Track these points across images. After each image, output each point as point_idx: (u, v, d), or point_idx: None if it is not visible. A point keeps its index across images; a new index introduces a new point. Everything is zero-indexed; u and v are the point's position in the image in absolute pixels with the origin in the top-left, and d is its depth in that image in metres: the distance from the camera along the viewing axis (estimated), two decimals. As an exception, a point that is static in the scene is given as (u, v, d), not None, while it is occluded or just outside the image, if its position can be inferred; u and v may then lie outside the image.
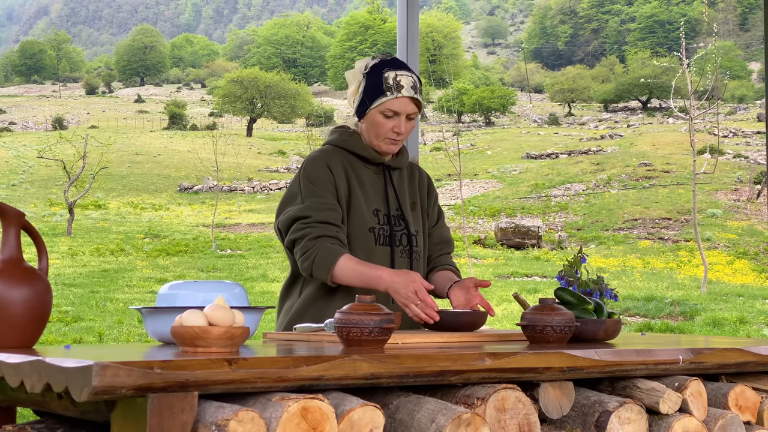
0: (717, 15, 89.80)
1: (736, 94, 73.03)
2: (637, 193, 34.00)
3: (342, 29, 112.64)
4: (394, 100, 2.83)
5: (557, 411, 1.99)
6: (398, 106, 2.84)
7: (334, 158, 2.91)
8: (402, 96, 2.83)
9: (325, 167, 2.87)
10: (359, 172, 2.93)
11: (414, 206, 3.02)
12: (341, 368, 1.71)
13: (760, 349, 2.35)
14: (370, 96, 2.85)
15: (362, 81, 2.89)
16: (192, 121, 73.99)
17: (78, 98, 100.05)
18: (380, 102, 2.84)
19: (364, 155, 2.93)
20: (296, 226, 2.78)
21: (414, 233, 2.96)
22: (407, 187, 3.03)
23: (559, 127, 66.38)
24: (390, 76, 2.84)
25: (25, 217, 2.11)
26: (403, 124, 2.86)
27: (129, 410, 1.58)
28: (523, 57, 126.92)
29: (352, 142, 2.95)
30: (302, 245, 2.76)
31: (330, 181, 2.85)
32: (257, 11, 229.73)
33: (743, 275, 21.93)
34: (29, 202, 36.17)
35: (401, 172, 3.04)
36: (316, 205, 2.79)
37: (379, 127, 2.87)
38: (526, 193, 36.28)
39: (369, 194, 2.92)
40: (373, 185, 2.95)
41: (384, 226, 2.91)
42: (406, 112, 2.85)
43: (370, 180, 2.95)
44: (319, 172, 2.86)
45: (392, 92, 2.83)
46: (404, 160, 3.04)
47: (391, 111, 2.84)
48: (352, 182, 2.90)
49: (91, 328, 13.89)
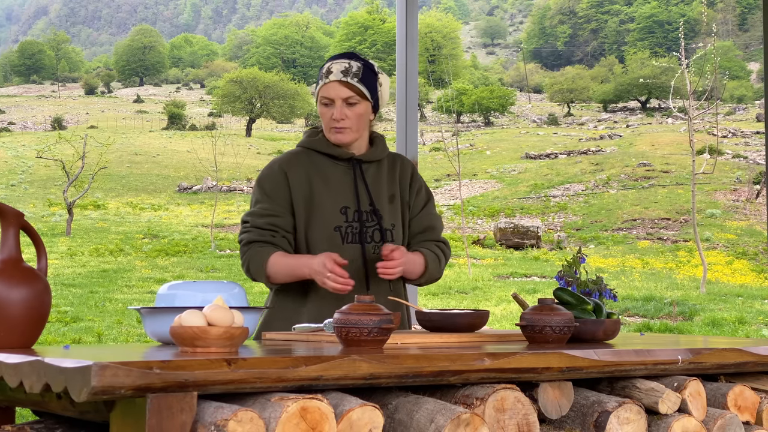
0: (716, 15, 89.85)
1: (735, 94, 73.04)
2: (636, 194, 34.01)
3: (341, 29, 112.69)
4: (324, 87, 2.89)
5: (556, 411, 1.99)
6: (328, 92, 2.87)
7: (297, 161, 2.94)
8: (330, 81, 2.87)
9: (279, 173, 2.91)
10: (327, 171, 2.94)
11: (392, 199, 2.99)
12: (340, 368, 1.71)
13: (759, 349, 2.35)
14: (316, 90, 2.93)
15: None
16: (191, 121, 73.98)
17: (77, 98, 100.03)
18: (317, 91, 2.91)
19: (329, 153, 2.94)
20: (241, 229, 2.91)
21: (389, 227, 2.94)
22: (385, 180, 3.00)
23: (558, 127, 66.39)
24: (325, 66, 2.92)
25: (24, 218, 2.11)
26: (340, 110, 2.87)
27: (128, 410, 1.58)
28: (522, 57, 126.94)
29: (316, 142, 2.97)
30: (240, 250, 2.88)
31: (281, 187, 2.89)
32: (256, 11, 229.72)
33: (742, 275, 21.94)
34: (28, 203, 36.16)
35: (379, 164, 3.01)
36: (259, 211, 2.87)
37: (322, 117, 2.92)
38: (525, 193, 36.28)
39: (337, 192, 2.92)
40: (343, 182, 2.94)
41: (353, 223, 2.90)
42: (339, 97, 2.86)
43: (339, 177, 2.94)
44: (271, 178, 2.92)
45: (323, 79, 2.90)
46: (378, 153, 3.01)
47: (326, 98, 2.88)
48: (315, 183, 2.91)
49: (90, 328, 13.89)
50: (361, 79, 2.89)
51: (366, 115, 2.94)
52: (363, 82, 2.89)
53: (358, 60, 2.92)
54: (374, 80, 2.94)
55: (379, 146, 3.02)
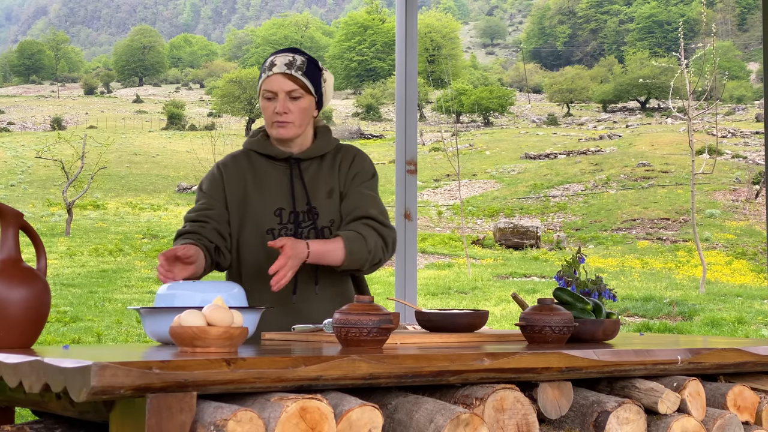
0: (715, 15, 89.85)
1: (734, 94, 73.04)
2: (636, 194, 34.02)
3: (341, 29, 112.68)
4: (267, 80, 2.82)
5: (556, 411, 1.99)
6: (271, 85, 2.81)
7: (234, 163, 2.93)
8: (273, 74, 2.80)
9: (217, 175, 2.92)
10: (264, 173, 2.89)
11: (331, 194, 2.89)
12: (340, 368, 1.71)
13: (758, 349, 2.35)
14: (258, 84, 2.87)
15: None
16: (190, 122, 73.99)
17: (76, 98, 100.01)
18: (259, 85, 2.85)
19: (266, 153, 2.90)
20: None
21: (327, 225, 2.85)
22: (325, 176, 2.90)
23: (558, 127, 66.39)
24: (269, 60, 2.86)
25: (23, 218, 2.11)
26: (283, 103, 2.80)
27: (127, 410, 1.58)
28: (522, 57, 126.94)
29: (254, 142, 2.94)
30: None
31: (218, 188, 2.89)
32: (256, 11, 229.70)
33: (742, 275, 21.95)
34: (28, 203, 36.15)
35: (321, 160, 2.92)
36: (195, 207, 2.89)
37: (264, 112, 2.85)
38: (524, 193, 36.29)
39: (272, 194, 2.87)
40: (279, 183, 2.88)
41: (288, 224, 2.84)
42: (282, 90, 2.80)
43: (276, 178, 2.89)
44: (209, 179, 2.93)
45: (266, 72, 2.83)
46: (320, 148, 2.92)
47: (269, 92, 2.81)
48: (249, 186, 2.88)
49: (89, 328, 13.89)
50: (306, 72, 2.83)
51: (310, 110, 2.86)
52: (307, 76, 2.83)
53: (302, 54, 2.87)
54: (318, 75, 2.88)
55: (322, 141, 2.93)
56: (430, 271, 22.12)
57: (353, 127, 67.82)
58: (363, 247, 2.75)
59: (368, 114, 76.82)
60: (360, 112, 78.05)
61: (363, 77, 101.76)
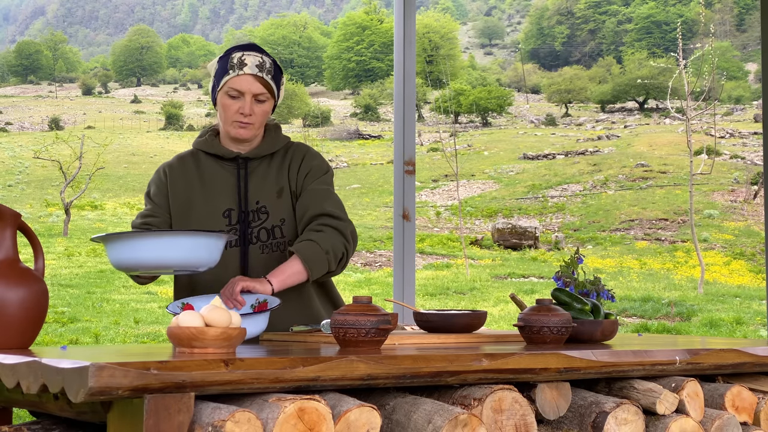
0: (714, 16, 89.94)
1: (732, 94, 73.11)
2: (634, 194, 34.04)
3: (339, 30, 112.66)
4: (236, 78, 2.74)
5: (554, 412, 1.99)
6: (240, 84, 2.74)
7: (180, 165, 2.89)
8: (244, 73, 2.73)
9: (162, 177, 2.89)
10: (212, 173, 2.84)
11: (281, 192, 2.83)
12: (338, 369, 1.71)
13: (756, 349, 2.35)
14: (218, 78, 2.78)
15: (215, 67, 2.81)
16: (188, 122, 74.00)
17: (74, 98, 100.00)
18: (224, 81, 2.75)
19: (214, 153, 2.85)
20: None
21: (278, 224, 2.81)
22: (275, 175, 2.84)
23: (556, 127, 66.42)
24: (236, 56, 2.77)
25: (21, 218, 2.11)
26: (250, 105, 2.74)
27: (125, 411, 1.58)
28: (520, 57, 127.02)
29: (202, 142, 2.88)
30: None
31: (162, 192, 2.87)
32: (254, 12, 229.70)
33: (740, 276, 21.96)
34: (25, 203, 36.14)
35: (270, 159, 2.86)
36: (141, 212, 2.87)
37: (226, 110, 2.76)
38: (523, 193, 36.30)
39: (220, 195, 2.81)
40: (227, 183, 2.82)
41: (236, 225, 2.79)
42: (251, 92, 2.74)
43: (224, 179, 2.83)
44: (155, 181, 2.91)
45: (234, 70, 2.74)
46: (268, 146, 2.86)
47: (235, 90, 2.74)
48: (194, 188, 2.83)
49: (87, 328, 13.89)
50: (273, 76, 2.80)
51: (269, 112, 2.83)
52: (274, 80, 2.80)
53: (267, 55, 2.82)
54: (280, 78, 2.85)
55: (271, 139, 2.88)
56: (429, 271, 22.13)
57: (351, 127, 67.81)
58: (319, 252, 2.68)
59: (366, 114, 76.84)
60: (358, 113, 78.07)
61: (361, 77, 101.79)
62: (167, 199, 2.85)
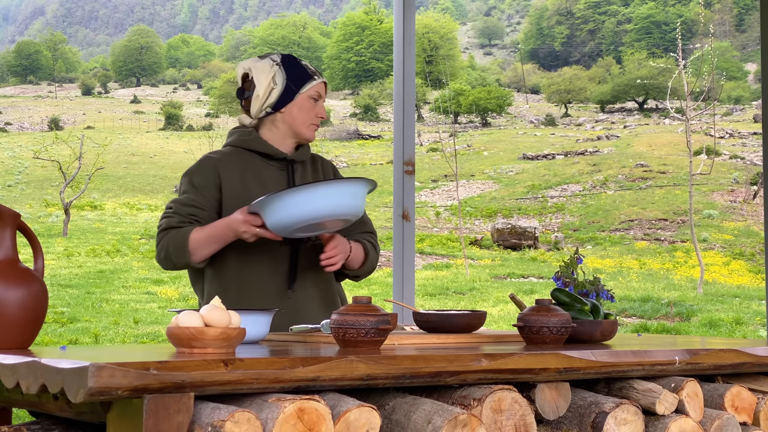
0: (713, 16, 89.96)
1: (732, 95, 73.14)
2: (634, 194, 34.04)
3: (338, 30, 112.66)
4: (318, 84, 2.95)
5: (554, 412, 1.99)
6: (320, 90, 2.96)
7: (230, 160, 2.91)
8: (322, 80, 2.97)
9: (212, 169, 2.88)
10: (260, 171, 2.92)
11: None
12: (337, 369, 1.71)
13: (756, 350, 2.35)
14: (297, 82, 2.92)
15: (279, 72, 2.92)
16: (188, 122, 73.99)
17: (74, 99, 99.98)
18: (310, 86, 2.92)
19: (265, 152, 2.93)
20: (161, 217, 2.85)
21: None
22: (311, 178, 3.01)
23: (556, 128, 66.43)
24: (307, 64, 2.99)
25: (20, 218, 2.11)
26: (323, 109, 2.99)
27: (125, 411, 1.58)
28: (520, 58, 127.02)
29: (251, 141, 2.94)
30: (157, 237, 2.82)
31: (212, 184, 2.86)
32: (253, 12, 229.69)
33: (739, 276, 21.97)
34: (25, 203, 36.13)
35: (304, 165, 3.01)
36: (184, 200, 2.83)
37: (307, 112, 2.92)
38: (522, 194, 36.31)
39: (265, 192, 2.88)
40: (277, 182, 2.92)
41: None
42: (323, 97, 2.98)
43: (273, 177, 2.92)
44: (202, 173, 2.87)
45: (317, 77, 2.96)
46: (305, 154, 3.01)
47: (318, 94, 2.95)
48: (249, 183, 2.88)
49: (86, 329, 13.89)
50: None
51: None
52: None
53: None
54: None
55: (305, 148, 3.03)
56: (428, 271, 22.13)
57: (351, 127, 67.80)
58: (375, 257, 3.03)
59: (366, 114, 76.84)
60: (358, 113, 78.07)
61: (361, 78, 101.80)
62: (219, 191, 2.86)
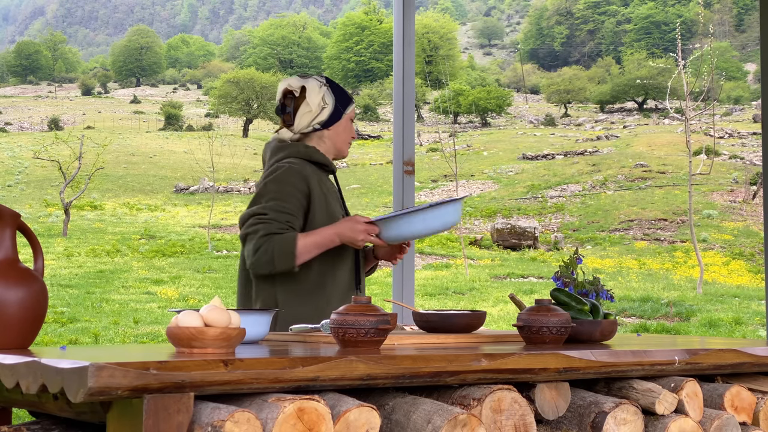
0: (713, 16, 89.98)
1: (731, 95, 73.16)
2: (633, 194, 34.03)
3: (338, 30, 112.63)
4: (354, 107, 3.22)
5: (553, 412, 1.99)
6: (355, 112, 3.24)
7: (309, 171, 3.01)
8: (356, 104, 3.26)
9: (301, 179, 2.95)
10: (324, 182, 3.08)
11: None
12: (337, 369, 1.71)
13: (755, 350, 2.35)
14: (343, 103, 3.13)
15: (327, 93, 3.09)
16: (188, 122, 73.98)
17: (74, 99, 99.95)
18: (351, 108, 3.16)
19: (326, 163, 3.09)
20: (251, 221, 2.87)
21: None
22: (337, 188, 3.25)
23: (555, 128, 66.42)
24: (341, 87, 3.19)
25: (20, 218, 2.11)
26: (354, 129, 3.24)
27: (125, 411, 1.58)
28: (519, 58, 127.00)
29: (314, 153, 3.07)
30: (255, 242, 2.84)
31: (302, 192, 2.94)
32: (253, 12, 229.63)
33: (739, 276, 21.96)
34: (25, 203, 36.11)
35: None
36: (277, 207, 2.89)
37: (348, 132, 3.16)
38: (522, 194, 36.29)
39: (336, 202, 3.10)
40: (334, 191, 3.13)
41: None
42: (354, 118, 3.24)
43: (330, 187, 3.11)
44: (291, 182, 2.94)
45: (353, 101, 3.21)
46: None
47: (354, 115, 3.22)
48: (327, 193, 3.04)
49: (86, 329, 13.88)
50: None
51: None
52: None
53: None
54: None
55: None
56: (428, 271, 22.12)
57: (351, 127, 67.76)
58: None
59: (366, 114, 76.85)
60: (357, 113, 78.07)
61: (360, 78, 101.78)
62: (307, 200, 2.97)
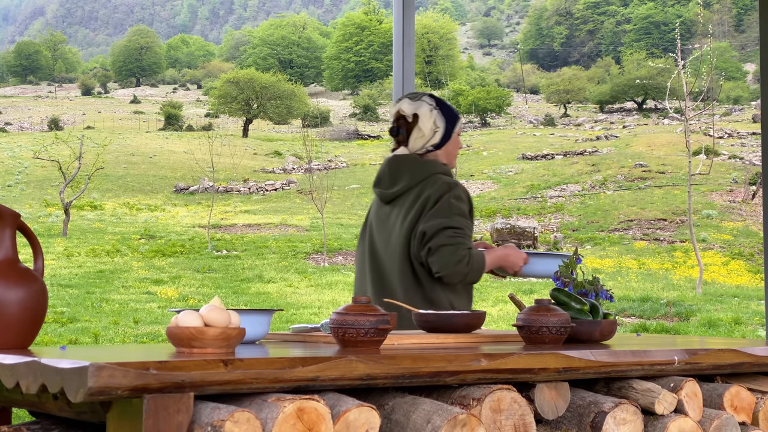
0: (712, 16, 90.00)
1: (731, 95, 73.19)
2: (633, 194, 34.03)
3: (338, 30, 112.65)
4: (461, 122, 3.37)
5: (553, 412, 1.99)
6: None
7: None
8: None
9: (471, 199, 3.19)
10: None
11: None
12: (337, 369, 1.71)
13: (755, 350, 2.35)
14: (452, 122, 3.29)
15: (438, 116, 3.26)
16: (188, 122, 73.97)
17: (74, 99, 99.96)
18: (459, 125, 3.33)
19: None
20: (449, 233, 3.01)
21: None
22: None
23: (555, 128, 66.43)
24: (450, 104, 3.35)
25: (20, 218, 2.11)
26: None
27: (125, 411, 1.58)
28: (519, 58, 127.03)
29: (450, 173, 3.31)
30: (458, 252, 2.99)
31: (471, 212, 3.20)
32: (253, 12, 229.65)
33: (738, 276, 21.96)
34: (25, 203, 36.10)
35: None
36: (465, 223, 3.08)
37: (457, 148, 3.34)
38: (521, 193, 36.30)
39: None
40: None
41: None
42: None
43: None
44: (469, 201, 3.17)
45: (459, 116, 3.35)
46: None
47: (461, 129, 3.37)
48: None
49: (86, 328, 13.87)
50: None
51: None
52: None
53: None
54: None
55: None
56: (428, 271, 22.10)
57: (350, 127, 67.80)
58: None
59: (365, 114, 76.86)
60: (357, 113, 78.10)
61: (360, 78, 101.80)
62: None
